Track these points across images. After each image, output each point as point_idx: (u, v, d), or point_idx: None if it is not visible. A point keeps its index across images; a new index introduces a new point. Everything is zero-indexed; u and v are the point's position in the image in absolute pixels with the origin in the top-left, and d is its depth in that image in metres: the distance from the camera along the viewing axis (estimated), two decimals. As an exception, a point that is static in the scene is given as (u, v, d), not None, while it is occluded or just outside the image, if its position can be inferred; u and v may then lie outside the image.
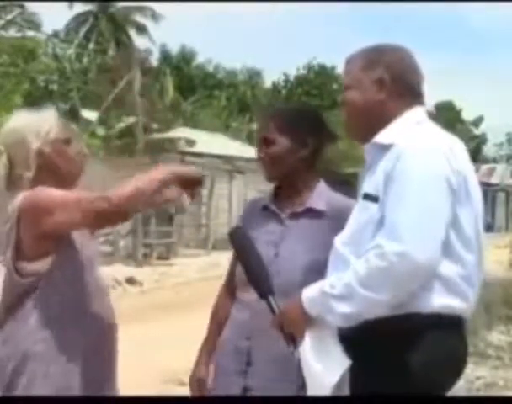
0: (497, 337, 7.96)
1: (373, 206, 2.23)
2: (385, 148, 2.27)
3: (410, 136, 2.25)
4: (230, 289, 2.80)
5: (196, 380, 2.77)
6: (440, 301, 2.19)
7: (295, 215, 2.67)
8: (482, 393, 5.75)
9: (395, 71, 2.36)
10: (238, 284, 2.71)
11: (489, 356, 7.09)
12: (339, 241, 2.33)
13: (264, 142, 2.68)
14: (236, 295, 2.73)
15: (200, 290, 12.85)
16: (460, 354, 2.31)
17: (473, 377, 6.26)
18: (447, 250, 2.18)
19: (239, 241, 2.58)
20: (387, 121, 2.33)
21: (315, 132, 2.68)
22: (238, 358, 2.61)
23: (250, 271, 2.52)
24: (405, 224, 2.12)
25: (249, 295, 2.57)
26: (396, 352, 2.19)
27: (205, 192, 21.61)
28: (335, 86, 39.74)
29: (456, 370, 2.31)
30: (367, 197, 2.27)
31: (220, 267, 16.29)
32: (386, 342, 2.20)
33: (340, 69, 2.59)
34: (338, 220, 2.52)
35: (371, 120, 2.36)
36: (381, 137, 2.31)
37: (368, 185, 2.29)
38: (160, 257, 17.98)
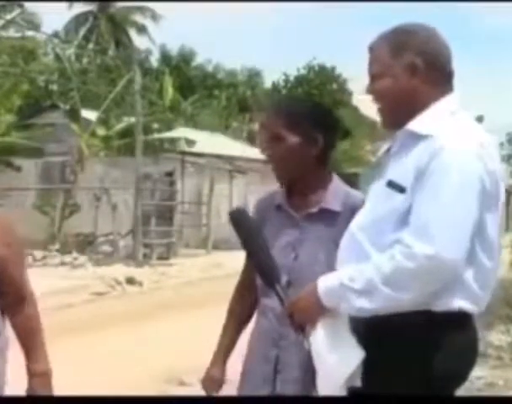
0: (497, 337, 7.94)
1: (398, 196, 2.16)
2: (418, 137, 2.19)
3: (447, 130, 2.17)
4: (246, 288, 2.69)
5: (209, 379, 2.71)
6: (451, 303, 2.16)
7: (309, 217, 2.55)
8: (482, 393, 5.74)
9: (427, 53, 2.25)
10: (260, 289, 2.60)
11: (489, 356, 7.07)
12: (356, 225, 2.26)
13: (272, 140, 2.55)
14: (257, 298, 2.62)
15: (200, 290, 12.84)
16: (470, 349, 2.27)
17: (473, 377, 6.24)
18: (468, 254, 2.13)
19: (243, 224, 2.44)
20: (421, 108, 2.24)
21: (325, 128, 2.56)
22: (267, 367, 2.53)
23: (256, 258, 2.42)
24: (437, 225, 2.07)
25: (272, 301, 2.48)
26: (404, 347, 2.17)
27: (205, 192, 21.62)
28: (335, 86, 39.68)
29: (467, 365, 2.28)
30: (392, 185, 2.19)
31: (220, 267, 16.25)
32: (396, 338, 2.17)
33: (340, 69, 2.56)
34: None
35: (406, 108, 2.25)
36: (416, 125, 2.22)
37: (394, 172, 2.21)
38: (160, 257, 17.95)
